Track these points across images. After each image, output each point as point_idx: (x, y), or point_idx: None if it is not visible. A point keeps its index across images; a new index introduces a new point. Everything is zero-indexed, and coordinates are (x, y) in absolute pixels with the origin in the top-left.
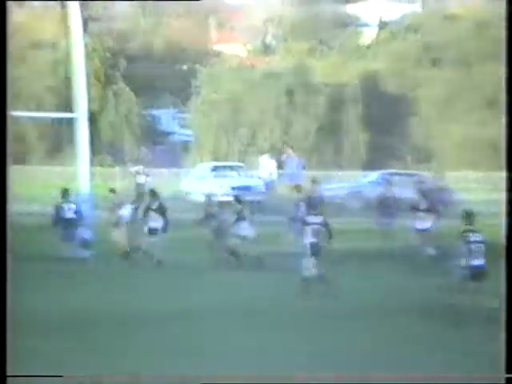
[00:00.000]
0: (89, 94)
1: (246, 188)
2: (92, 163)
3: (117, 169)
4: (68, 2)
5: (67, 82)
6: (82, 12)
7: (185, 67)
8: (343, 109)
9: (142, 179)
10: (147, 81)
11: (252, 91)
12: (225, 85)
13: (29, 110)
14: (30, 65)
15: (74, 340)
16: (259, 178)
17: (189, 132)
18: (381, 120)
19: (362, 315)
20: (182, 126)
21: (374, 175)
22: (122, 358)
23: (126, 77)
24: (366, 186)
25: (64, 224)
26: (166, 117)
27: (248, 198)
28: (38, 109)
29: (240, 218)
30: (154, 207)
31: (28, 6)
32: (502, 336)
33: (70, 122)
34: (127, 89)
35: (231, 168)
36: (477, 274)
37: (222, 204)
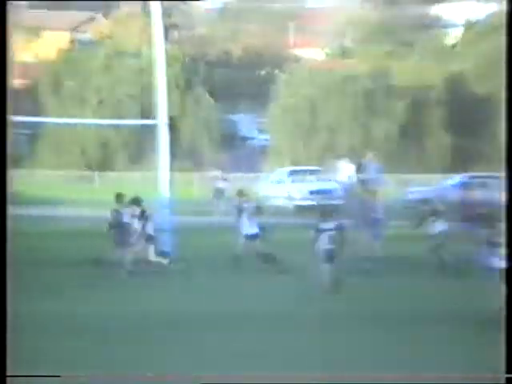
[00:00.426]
0: (169, 100)
1: (325, 192)
2: (171, 168)
3: (195, 174)
4: (151, 10)
5: (148, 89)
6: (163, 20)
7: (263, 72)
8: (425, 111)
9: (220, 184)
10: (226, 86)
11: (330, 95)
12: (303, 89)
13: (112, 117)
14: (114, 73)
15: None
16: (337, 182)
17: (267, 137)
18: (465, 122)
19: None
20: (261, 131)
21: (457, 178)
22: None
23: (205, 83)
24: (449, 190)
25: (120, 229)
26: (245, 122)
27: (325, 202)
28: (122, 116)
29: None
30: (249, 211)
31: (113, 16)
32: (502, 336)
33: (151, 129)
34: (206, 95)
35: (309, 172)
36: None
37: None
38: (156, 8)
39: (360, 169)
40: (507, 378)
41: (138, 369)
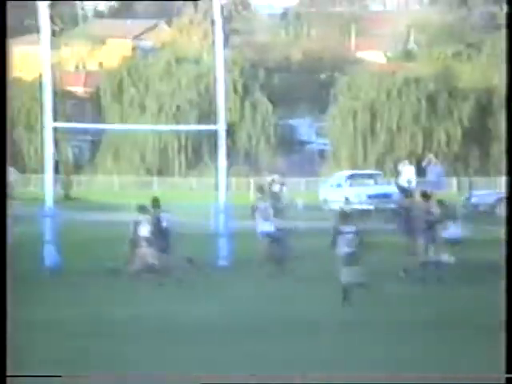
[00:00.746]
0: (227, 105)
1: (384, 196)
2: (229, 174)
3: (252, 179)
4: (213, 16)
5: (208, 94)
6: (224, 26)
7: (323, 76)
8: (490, 114)
9: (277, 188)
10: (285, 91)
11: (392, 97)
12: (364, 92)
13: (171, 123)
14: (174, 79)
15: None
16: (398, 185)
17: (325, 141)
18: None
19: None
20: (319, 135)
21: None
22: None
23: (264, 88)
24: None
25: (161, 234)
26: (303, 126)
27: (386, 205)
28: (180, 122)
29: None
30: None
31: (175, 24)
32: (502, 336)
33: (209, 134)
34: (264, 99)
35: (369, 176)
36: None
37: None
38: (217, 14)
39: (422, 172)
40: (507, 378)
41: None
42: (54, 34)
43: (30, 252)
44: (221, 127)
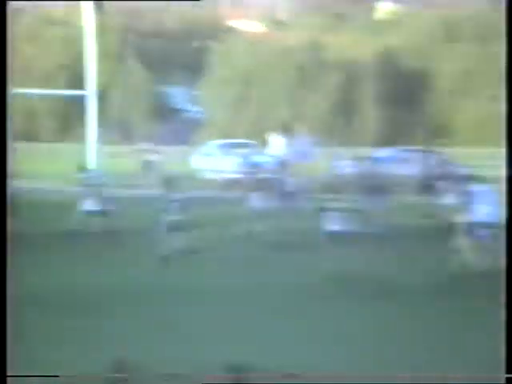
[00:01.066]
0: (99, 69)
1: (256, 165)
2: (100, 141)
3: (125, 147)
4: None
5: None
6: None
7: (197, 44)
8: (359, 86)
9: (150, 157)
10: (160, 58)
11: (264, 68)
12: (238, 61)
13: (40, 87)
14: (41, 41)
15: None
16: (269, 156)
17: (200, 109)
18: (396, 96)
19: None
20: (194, 104)
21: (385, 152)
22: None
23: (138, 54)
24: (377, 163)
25: None
26: (177, 94)
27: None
28: (49, 86)
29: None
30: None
31: None
32: (502, 336)
33: (80, 99)
34: (138, 65)
35: (241, 145)
36: None
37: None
38: None
39: (292, 143)
40: (507, 378)
41: None
42: None
43: None
44: (91, 92)
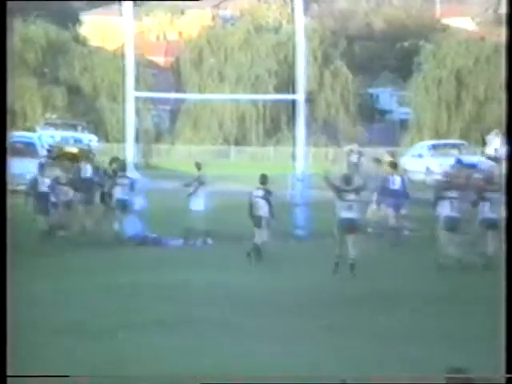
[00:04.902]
0: (308, 73)
1: (469, 166)
2: (307, 143)
3: (331, 149)
4: None
5: (287, 64)
6: None
7: (406, 44)
8: None
9: (355, 158)
10: (366, 60)
11: (481, 66)
12: (451, 60)
13: (251, 92)
14: (253, 49)
15: None
16: (485, 156)
17: (408, 110)
18: None
19: None
20: (400, 104)
21: None
22: None
23: (344, 56)
24: None
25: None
26: (384, 95)
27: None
28: (259, 91)
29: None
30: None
31: None
32: (502, 336)
33: (288, 103)
34: (344, 68)
35: (452, 146)
36: None
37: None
38: None
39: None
40: (507, 378)
41: None
42: (135, 3)
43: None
44: (300, 96)
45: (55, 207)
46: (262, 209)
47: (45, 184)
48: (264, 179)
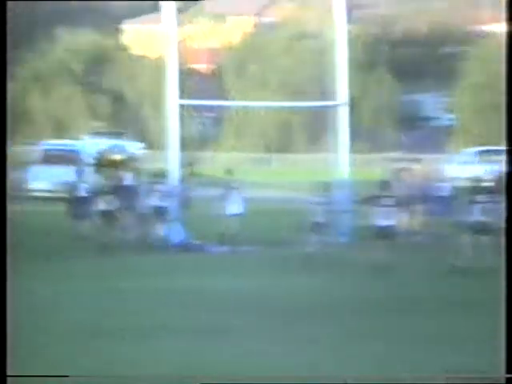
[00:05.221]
0: (350, 80)
1: None
2: (351, 150)
3: (375, 156)
4: None
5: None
6: (346, 0)
7: (449, 50)
8: None
9: (400, 165)
10: (409, 65)
11: None
12: (495, 65)
13: (293, 99)
14: (295, 55)
15: None
16: None
17: (452, 116)
18: None
19: None
20: (445, 111)
21: None
22: None
23: (387, 62)
24: None
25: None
26: (428, 101)
27: None
28: (301, 98)
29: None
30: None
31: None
32: (502, 335)
33: (330, 110)
34: (388, 74)
35: (499, 152)
36: None
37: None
38: None
39: None
40: (507, 378)
41: None
42: (177, 11)
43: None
44: (342, 103)
45: (97, 214)
46: (320, 215)
47: (84, 190)
48: (327, 186)
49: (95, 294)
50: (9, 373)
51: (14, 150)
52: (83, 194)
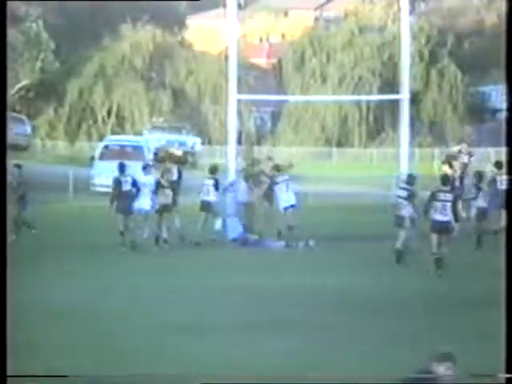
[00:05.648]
0: (412, 74)
1: None
2: (412, 144)
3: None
4: None
5: (392, 63)
6: None
7: None
8: None
9: (464, 159)
10: (476, 57)
11: None
12: None
13: (353, 93)
14: (357, 49)
15: None
16: None
17: None
18: None
19: None
20: None
21: None
22: None
23: (452, 54)
24: None
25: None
26: (495, 93)
27: None
28: (363, 91)
29: None
30: None
31: None
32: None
33: (391, 104)
34: (453, 66)
35: None
36: None
37: None
38: None
39: None
40: (507, 378)
41: None
42: (239, 7)
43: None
44: (405, 96)
45: (154, 208)
46: (406, 209)
47: (128, 184)
48: (412, 179)
49: (166, 291)
50: (9, 373)
51: (78, 145)
52: (127, 187)
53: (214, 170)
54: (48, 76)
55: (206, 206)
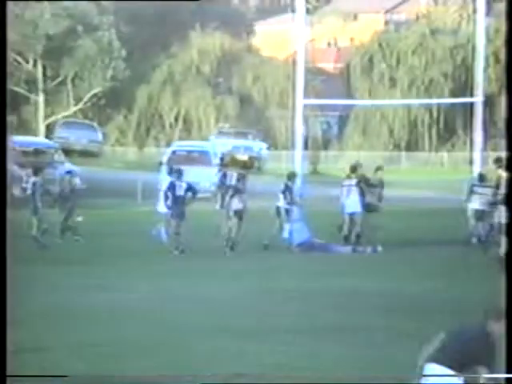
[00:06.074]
0: (487, 76)
1: None
2: (486, 148)
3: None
4: None
5: (465, 66)
6: None
7: None
8: None
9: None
10: None
11: None
12: None
13: (424, 96)
14: (428, 52)
15: None
16: None
17: None
18: None
19: None
20: None
21: None
22: None
23: None
24: None
25: None
26: None
27: None
28: (434, 95)
29: None
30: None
31: None
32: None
33: (463, 107)
34: None
35: None
36: None
37: None
38: None
39: None
40: (507, 379)
41: None
42: (308, 11)
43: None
44: (478, 99)
45: (231, 213)
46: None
47: (182, 189)
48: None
49: (237, 294)
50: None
51: (147, 151)
52: (180, 192)
53: (291, 176)
54: (118, 84)
55: (278, 212)
